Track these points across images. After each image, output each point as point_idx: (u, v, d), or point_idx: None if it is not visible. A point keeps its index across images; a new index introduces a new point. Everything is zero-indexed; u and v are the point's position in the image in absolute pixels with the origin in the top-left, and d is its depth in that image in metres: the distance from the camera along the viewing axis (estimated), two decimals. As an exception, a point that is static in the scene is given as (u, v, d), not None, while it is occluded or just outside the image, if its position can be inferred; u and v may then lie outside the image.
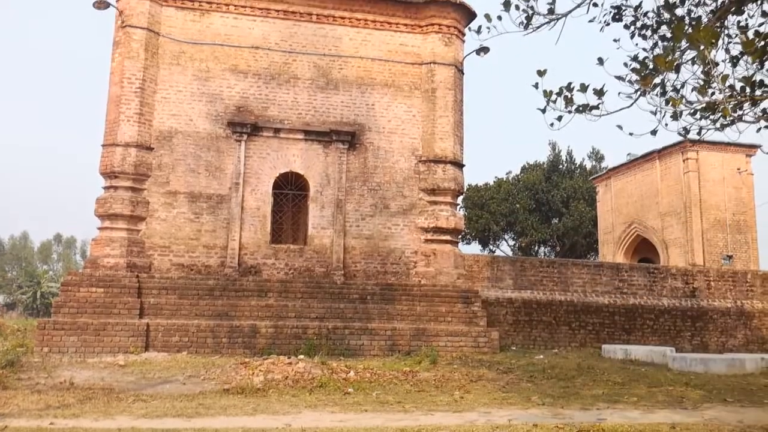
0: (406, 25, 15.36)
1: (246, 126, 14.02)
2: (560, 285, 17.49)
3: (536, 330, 16.68)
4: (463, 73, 15.79)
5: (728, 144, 26.06)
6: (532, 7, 6.34)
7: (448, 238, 14.75)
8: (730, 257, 26.52)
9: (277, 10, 14.66)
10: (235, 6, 14.47)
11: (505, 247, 42.59)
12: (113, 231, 13.25)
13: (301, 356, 11.20)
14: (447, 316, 13.91)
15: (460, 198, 16.52)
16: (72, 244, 75.95)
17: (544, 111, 6.32)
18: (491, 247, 42.20)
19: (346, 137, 14.52)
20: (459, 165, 15.19)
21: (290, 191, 14.68)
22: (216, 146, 14.03)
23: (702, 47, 4.02)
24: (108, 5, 13.53)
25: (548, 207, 39.91)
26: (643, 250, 30.87)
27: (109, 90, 13.85)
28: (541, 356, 13.67)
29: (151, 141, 13.71)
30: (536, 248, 41.46)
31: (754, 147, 26.76)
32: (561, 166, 42.93)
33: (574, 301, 17.26)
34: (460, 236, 16.03)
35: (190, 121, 13.99)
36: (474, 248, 41.98)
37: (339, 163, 14.49)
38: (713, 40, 4.03)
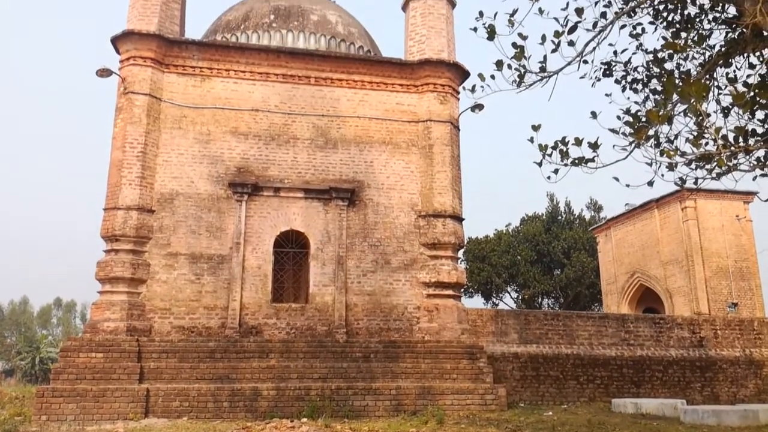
0: (402, 85, 15.72)
1: (247, 186, 14.15)
2: (566, 338, 17.26)
3: (544, 385, 16.34)
4: (458, 129, 16.05)
5: (725, 192, 26.25)
6: (524, 66, 6.53)
7: (450, 292, 14.66)
8: (735, 305, 26.27)
9: (277, 74, 15.03)
10: (236, 71, 14.85)
11: (508, 300, 42.24)
12: (114, 294, 13.18)
13: (304, 419, 10.94)
14: (452, 373, 13.67)
15: (461, 251, 16.51)
16: (72, 308, 75.34)
17: (540, 164, 6.41)
18: (494, 299, 41.84)
19: (346, 194, 14.63)
20: (458, 219, 15.25)
21: (291, 249, 14.69)
22: (217, 207, 14.12)
23: (693, 101, 4.11)
24: (111, 73, 13.89)
25: (549, 258, 39.80)
26: (648, 299, 30.60)
27: (111, 155, 14.05)
28: (550, 413, 13.35)
29: (152, 203, 13.81)
30: (539, 300, 41.10)
31: (751, 194, 26.93)
32: (560, 218, 43.05)
33: (581, 355, 16.98)
34: (462, 290, 15.93)
35: (191, 183, 14.13)
36: (477, 301, 41.62)
37: (339, 220, 14.56)
38: (704, 94, 4.13)
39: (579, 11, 6.45)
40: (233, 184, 14.14)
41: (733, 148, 4.97)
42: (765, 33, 5.45)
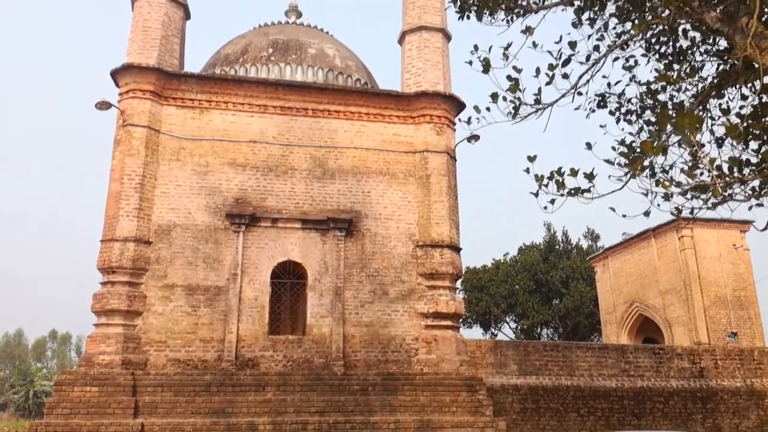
0: (398, 116, 15.86)
1: (244, 217, 14.16)
2: (566, 369, 17.11)
3: (544, 418, 16.15)
4: (455, 160, 16.15)
5: (722, 221, 26.33)
6: (519, 98, 6.60)
7: (448, 323, 14.56)
8: (734, 334, 26.14)
9: (275, 107, 15.17)
10: (234, 103, 14.99)
11: (507, 330, 41.97)
12: (109, 327, 13.07)
13: (302, 453, 10.76)
14: (452, 406, 13.49)
15: (459, 282, 16.48)
16: (67, 341, 74.63)
17: (536, 195, 6.43)
18: (493, 330, 41.57)
19: (343, 224, 14.64)
20: (456, 249, 15.24)
21: (288, 280, 14.63)
22: (214, 238, 14.10)
23: (687, 132, 4.16)
24: (110, 106, 14.01)
25: (548, 288, 39.69)
26: (647, 329, 30.44)
27: (109, 186, 14.07)
28: (551, 445, 13.15)
29: (149, 235, 13.78)
30: (538, 330, 40.85)
31: (747, 223, 27.00)
32: (558, 247, 43.07)
33: (581, 386, 16.81)
34: (460, 320, 15.83)
35: (188, 214, 14.14)
36: (475, 332, 41.36)
37: (337, 251, 14.53)
38: (697, 125, 4.18)
39: (572, 45, 6.56)
40: (231, 215, 14.15)
41: (727, 178, 5.00)
42: (756, 65, 5.53)
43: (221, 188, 14.42)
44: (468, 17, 7.29)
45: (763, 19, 5.63)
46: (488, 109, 6.93)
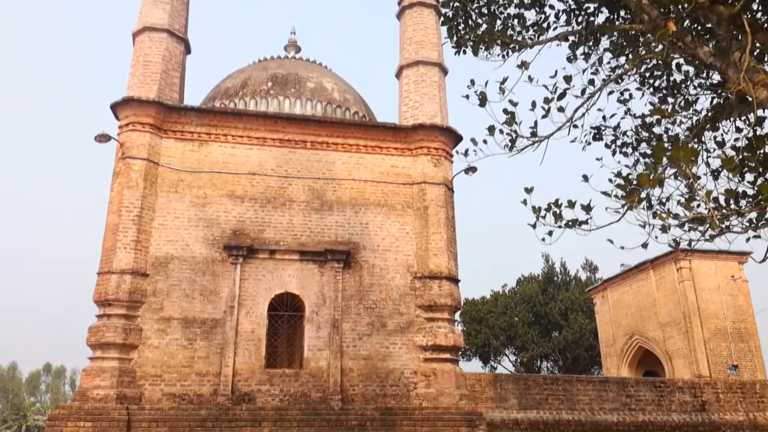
0: (396, 148, 15.97)
1: (242, 249, 14.13)
2: (566, 403, 16.89)
3: (545, 452, 15.88)
4: (453, 191, 16.21)
5: (720, 252, 26.33)
6: (515, 131, 6.67)
7: (447, 356, 14.42)
8: (735, 367, 25.90)
9: (274, 139, 15.28)
10: (233, 136, 15.09)
11: (506, 363, 41.57)
12: (104, 361, 12.91)
13: (298, 491, 10.54)
14: (450, 441, 13.27)
15: (458, 314, 16.38)
16: (61, 374, 73.67)
17: (534, 226, 6.44)
18: (492, 363, 41.19)
19: (341, 256, 14.60)
20: (454, 280, 15.19)
21: (286, 313, 14.52)
22: (212, 270, 14.04)
23: (683, 165, 4.19)
24: (109, 138, 14.09)
25: (547, 320, 39.46)
26: (647, 362, 30.17)
27: (106, 219, 14.06)
28: (552, 481, 12.91)
29: (146, 267, 13.72)
30: (538, 363, 40.47)
31: (745, 254, 27.02)
32: (556, 278, 42.97)
33: (582, 421, 16.58)
34: (459, 353, 15.68)
35: (186, 246, 14.11)
36: (475, 365, 40.95)
37: (334, 282, 14.46)
38: (693, 158, 4.21)
39: (567, 79, 6.65)
40: (228, 247, 14.12)
41: (724, 210, 5.02)
42: (749, 98, 5.60)
43: (219, 220, 14.42)
44: (464, 52, 7.40)
45: (755, 53, 5.73)
46: (485, 141, 7.00)
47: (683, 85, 7.32)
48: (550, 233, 6.41)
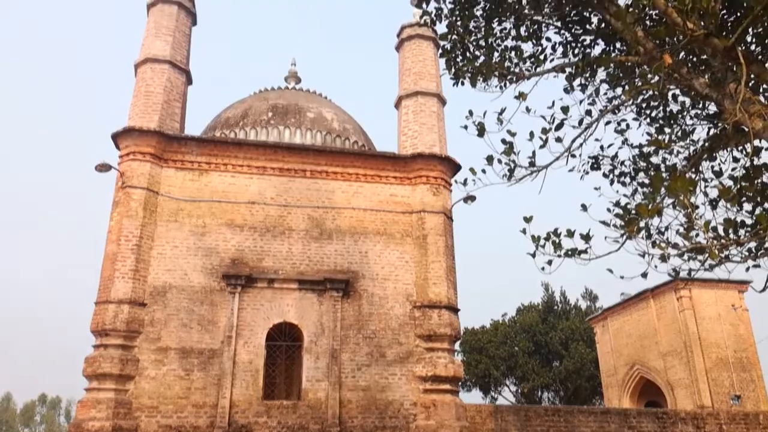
0: (395, 177, 16.04)
1: (240, 278, 14.07)
2: (567, 434, 16.65)
3: (547, 486, 15.59)
4: (452, 220, 16.23)
5: (719, 281, 26.26)
6: (513, 161, 6.71)
7: (447, 387, 14.25)
8: (738, 397, 25.61)
9: (273, 168, 15.35)
10: (233, 165, 15.16)
11: (507, 394, 41.09)
12: (100, 392, 12.75)
13: None
14: (451, 474, 13.04)
15: (458, 343, 16.25)
16: (57, 405, 72.68)
17: (533, 255, 6.43)
18: (493, 393, 40.72)
19: (340, 285, 14.54)
20: (454, 309, 15.10)
21: (284, 343, 14.40)
22: (210, 299, 13.97)
23: (681, 196, 4.21)
24: (110, 168, 14.15)
25: (547, 349, 39.13)
26: (649, 392, 29.84)
27: (105, 248, 14.03)
28: None
29: (144, 297, 13.65)
30: (539, 394, 40.01)
31: (745, 283, 26.93)
32: (556, 307, 42.74)
33: (584, 452, 16.33)
34: (459, 384, 15.50)
35: (184, 275, 14.05)
36: (475, 396, 40.48)
37: (333, 312, 14.37)
38: (690, 188, 4.23)
39: (565, 109, 6.71)
40: (227, 276, 14.06)
41: (723, 240, 5.03)
42: (746, 129, 5.65)
43: (218, 249, 14.40)
44: (462, 83, 7.48)
45: (750, 84, 5.80)
46: (484, 171, 7.03)
47: (680, 116, 7.38)
48: (550, 262, 6.40)
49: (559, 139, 6.85)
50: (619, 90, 7.23)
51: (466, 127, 7.03)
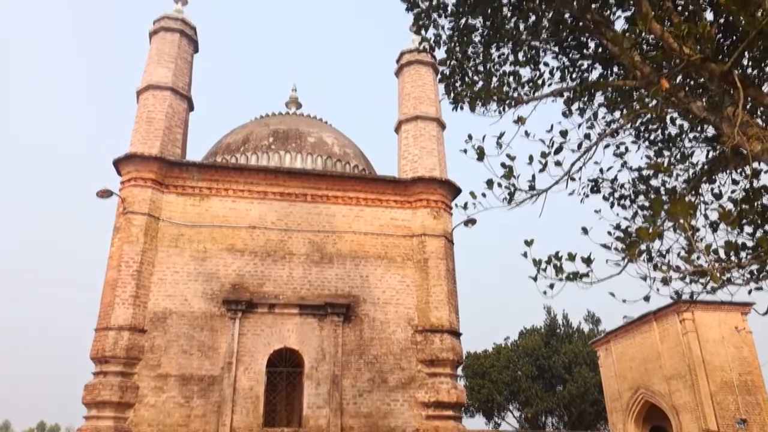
0: (396, 201, 16.07)
1: (241, 303, 14.01)
2: (572, 460, 16.42)
3: None
4: (452, 243, 16.21)
5: (722, 303, 26.09)
6: (513, 185, 6.71)
7: (450, 413, 14.09)
8: (744, 421, 25.28)
9: (274, 193, 15.39)
10: (234, 190, 15.21)
11: (510, 419, 40.59)
12: (99, 420, 12.60)
13: None
14: (454, 502, 12.83)
15: (460, 368, 16.13)
16: (54, 434, 71.85)
17: (535, 279, 6.39)
18: (496, 419, 40.22)
19: (341, 309, 14.47)
20: (456, 334, 15.00)
21: (285, 369, 14.27)
22: (210, 325, 13.89)
23: (681, 219, 4.21)
24: (111, 194, 14.18)
25: (551, 374, 38.75)
26: (654, 416, 29.47)
27: (106, 274, 14.00)
28: None
29: (144, 323, 13.58)
30: (543, 419, 39.52)
31: (747, 305, 26.76)
32: (559, 331, 42.45)
33: (589, 478, 16.08)
34: (462, 409, 15.33)
35: (185, 301, 14.00)
36: (478, 421, 39.97)
37: (334, 337, 14.28)
38: (690, 211, 4.23)
39: (563, 133, 6.73)
40: (227, 302, 14.00)
41: (724, 263, 5.01)
42: (744, 151, 5.67)
43: (219, 274, 14.36)
44: (461, 108, 7.53)
45: (748, 107, 5.83)
46: (484, 195, 7.02)
47: (678, 139, 7.41)
48: (552, 286, 6.35)
49: (558, 163, 6.86)
50: (617, 113, 7.27)
51: (465, 151, 7.05)
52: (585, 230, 6.68)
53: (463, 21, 7.12)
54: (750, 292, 6.59)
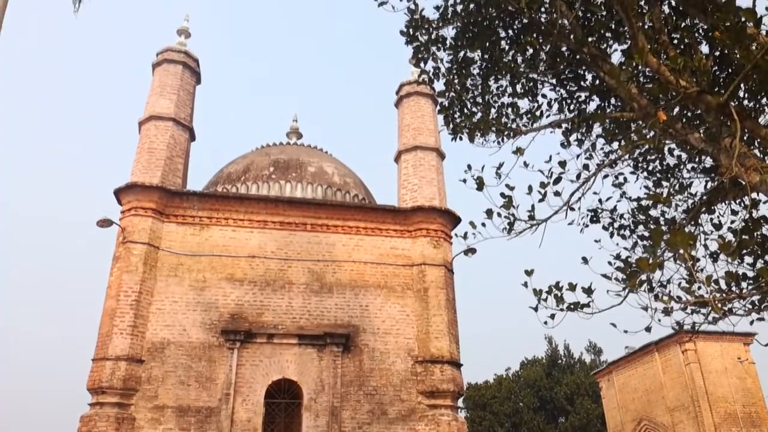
0: (396, 230, 16.08)
1: (239, 333, 13.91)
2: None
3: None
4: (453, 273, 16.17)
5: (724, 333, 25.94)
6: (513, 215, 6.73)
7: (450, 446, 13.88)
8: (750, 454, 24.91)
9: (274, 222, 15.41)
10: (234, 220, 15.23)
11: (511, 452, 39.94)
12: (94, 452, 12.42)
13: None
14: None
15: (461, 400, 15.95)
16: (47, 466, 70.44)
17: (536, 309, 6.37)
18: (497, 451, 39.56)
19: (341, 340, 14.36)
20: (457, 364, 14.87)
21: (283, 400, 14.11)
22: (208, 356, 13.77)
23: (681, 250, 4.21)
24: (111, 223, 14.20)
25: (553, 405, 38.30)
26: (658, 449, 29.02)
27: (104, 304, 13.94)
28: None
29: (142, 353, 13.47)
30: (545, 452, 38.91)
31: (750, 335, 26.61)
32: (560, 361, 42.09)
33: None
34: (463, 442, 15.10)
35: (183, 331, 13.91)
36: (479, 454, 39.33)
37: (334, 367, 14.14)
38: (690, 242, 4.23)
39: (562, 164, 6.78)
40: (226, 332, 13.91)
41: (726, 294, 5.00)
42: (743, 182, 5.70)
43: (217, 304, 14.30)
44: (460, 138, 7.59)
45: (745, 138, 5.88)
46: (484, 224, 7.04)
47: (677, 169, 7.46)
48: (552, 316, 6.33)
49: (557, 193, 6.89)
50: (615, 144, 7.32)
51: (465, 181, 7.09)
52: (585, 260, 6.68)
53: (461, 54, 7.23)
54: (752, 322, 6.56)
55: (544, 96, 7.49)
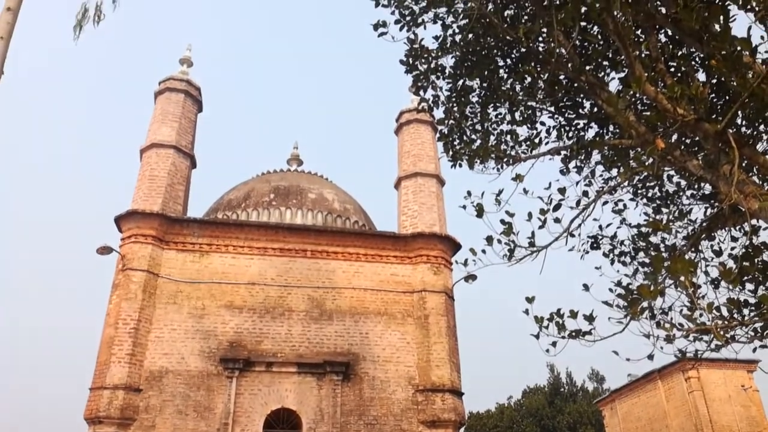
0: (396, 256, 16.04)
1: (238, 362, 13.78)
2: None
3: None
4: (453, 299, 16.09)
5: (727, 360, 25.69)
6: (513, 241, 6.72)
7: (452, 477, 13.65)
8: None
9: (274, 248, 15.38)
10: (234, 246, 15.21)
11: (514, 482, 39.28)
12: (90, 484, 12.21)
13: None
14: None
15: (462, 429, 15.72)
16: (42, 498, 69.16)
17: (537, 337, 6.32)
18: (499, 482, 38.93)
19: (340, 368, 14.21)
20: (458, 393, 14.69)
21: (282, 430, 13.90)
22: (206, 384, 13.62)
23: (682, 278, 4.20)
24: (111, 251, 14.17)
25: (555, 434, 37.79)
26: (663, 479, 28.52)
27: (102, 332, 13.83)
28: None
29: (140, 382, 13.33)
30: (548, 483, 38.28)
31: (753, 362, 26.37)
32: (563, 389, 41.63)
33: None
34: (464, 473, 14.87)
35: (181, 359, 13.78)
36: (481, 485, 38.70)
37: (333, 396, 13.97)
38: (691, 269, 4.22)
39: (562, 191, 6.79)
40: (225, 360, 13.78)
41: (727, 321, 4.97)
42: (742, 209, 5.71)
43: (216, 331, 14.19)
44: (460, 165, 7.63)
45: (744, 164, 5.90)
46: (484, 251, 7.03)
47: (676, 196, 7.47)
48: (554, 344, 6.27)
49: (557, 220, 6.89)
50: (614, 171, 7.35)
51: (465, 207, 7.10)
52: (586, 287, 6.66)
53: (460, 82, 7.30)
54: (755, 350, 6.50)
55: (542, 123, 7.55)
